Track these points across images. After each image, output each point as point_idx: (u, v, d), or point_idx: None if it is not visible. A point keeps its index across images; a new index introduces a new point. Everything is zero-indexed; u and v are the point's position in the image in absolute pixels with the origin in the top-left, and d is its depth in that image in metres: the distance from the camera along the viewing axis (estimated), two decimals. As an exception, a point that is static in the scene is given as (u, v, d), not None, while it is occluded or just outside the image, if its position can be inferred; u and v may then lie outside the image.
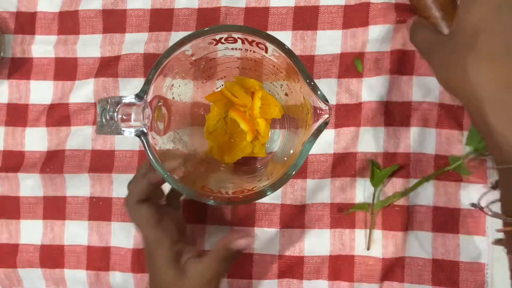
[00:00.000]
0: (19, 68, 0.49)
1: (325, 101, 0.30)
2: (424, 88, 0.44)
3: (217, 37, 0.32)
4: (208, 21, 0.47)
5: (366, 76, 0.45)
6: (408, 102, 0.44)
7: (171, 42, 0.47)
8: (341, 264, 0.44)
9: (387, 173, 0.43)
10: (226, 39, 0.33)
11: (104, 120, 0.32)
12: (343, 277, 0.44)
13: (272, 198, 0.45)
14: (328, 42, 0.45)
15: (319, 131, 0.31)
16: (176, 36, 0.47)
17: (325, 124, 0.30)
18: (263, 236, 0.45)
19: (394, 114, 0.45)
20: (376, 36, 0.45)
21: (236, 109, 0.42)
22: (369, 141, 0.44)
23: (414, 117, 0.44)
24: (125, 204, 0.39)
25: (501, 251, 0.43)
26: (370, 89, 0.44)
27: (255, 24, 0.46)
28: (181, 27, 0.47)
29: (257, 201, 0.45)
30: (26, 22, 0.50)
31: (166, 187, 0.42)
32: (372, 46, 0.45)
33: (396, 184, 0.44)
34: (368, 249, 0.44)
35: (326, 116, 0.30)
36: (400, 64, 0.44)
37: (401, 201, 0.44)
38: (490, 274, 0.43)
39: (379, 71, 0.44)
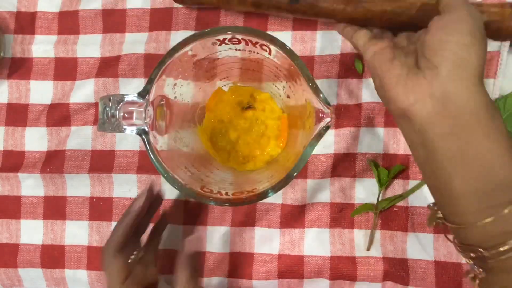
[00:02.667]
0: (19, 68, 0.49)
1: (327, 104, 0.30)
2: None
3: (221, 37, 0.33)
4: (207, 22, 0.47)
5: (366, 77, 0.45)
6: None
7: (171, 42, 0.47)
8: (342, 265, 0.45)
9: (393, 173, 0.43)
10: (230, 40, 0.33)
11: (106, 117, 0.32)
12: (344, 277, 0.44)
13: (272, 198, 0.45)
14: (328, 42, 0.46)
15: (320, 134, 0.31)
16: (176, 36, 0.47)
17: (326, 128, 0.30)
18: (264, 236, 0.46)
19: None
20: None
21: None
22: (369, 141, 0.45)
23: None
24: (101, 252, 0.38)
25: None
26: (370, 89, 0.45)
27: (255, 25, 0.47)
28: (181, 27, 0.47)
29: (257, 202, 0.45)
30: (26, 22, 0.50)
31: (144, 238, 0.41)
32: None
33: (395, 186, 0.44)
34: (368, 249, 0.44)
35: (328, 119, 0.30)
36: None
37: (400, 202, 0.44)
38: None
39: None
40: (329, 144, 0.45)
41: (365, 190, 0.45)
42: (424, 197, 0.44)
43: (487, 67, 0.43)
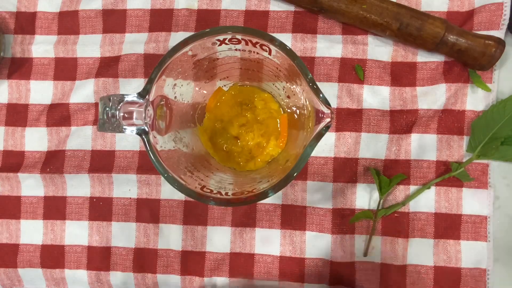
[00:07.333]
0: (19, 68, 0.49)
1: (327, 104, 0.30)
2: (426, 97, 0.45)
3: (221, 37, 0.33)
4: (207, 23, 0.47)
5: (367, 83, 0.45)
6: (410, 110, 0.45)
7: (171, 43, 0.47)
8: (342, 270, 0.45)
9: (394, 183, 0.43)
10: (230, 40, 0.33)
11: (105, 117, 0.32)
12: (344, 282, 0.44)
13: (272, 199, 0.45)
14: (329, 44, 0.46)
15: (320, 134, 0.31)
16: (175, 36, 0.47)
17: (326, 128, 0.30)
18: (264, 236, 0.46)
19: (395, 120, 0.45)
20: (376, 44, 0.45)
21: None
22: (370, 147, 0.45)
23: (416, 124, 0.44)
24: None
25: (499, 251, 0.43)
26: (372, 94, 0.45)
27: (255, 26, 0.47)
28: (181, 28, 0.48)
29: (257, 202, 0.45)
30: (26, 22, 0.50)
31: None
32: (373, 54, 0.45)
33: (396, 191, 0.44)
34: (365, 255, 0.44)
35: (328, 120, 0.30)
36: (402, 75, 0.45)
37: (401, 208, 0.44)
38: (491, 279, 0.43)
39: (380, 81, 0.45)
40: (330, 147, 0.45)
41: (366, 195, 0.45)
42: (425, 202, 0.44)
43: (485, 74, 0.44)
